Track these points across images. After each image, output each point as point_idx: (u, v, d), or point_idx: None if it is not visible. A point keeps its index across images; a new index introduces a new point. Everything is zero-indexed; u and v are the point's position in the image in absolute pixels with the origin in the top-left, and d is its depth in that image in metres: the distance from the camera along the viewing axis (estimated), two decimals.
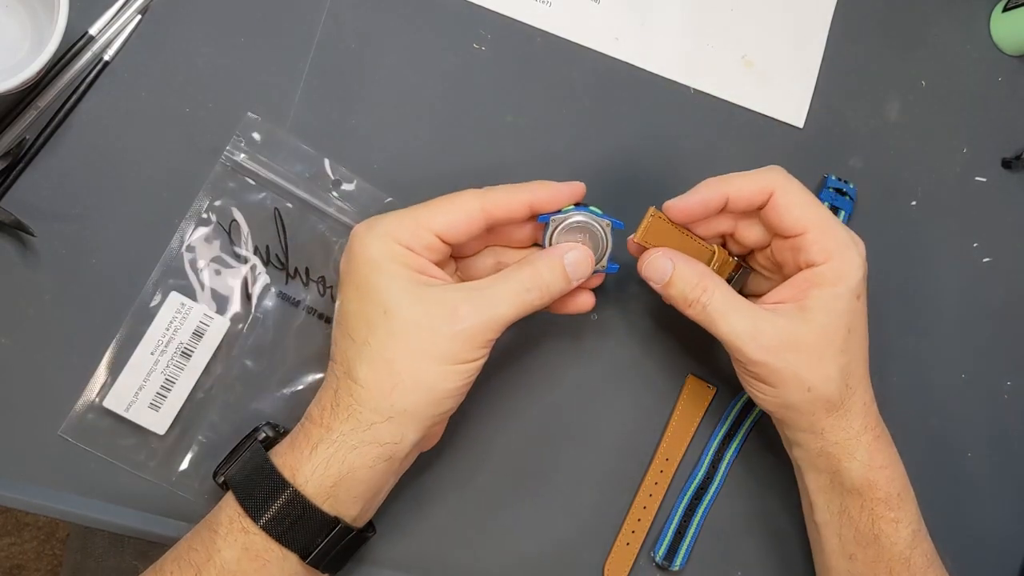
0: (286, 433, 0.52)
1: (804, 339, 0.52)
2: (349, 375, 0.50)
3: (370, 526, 0.54)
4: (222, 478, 0.52)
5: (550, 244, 0.53)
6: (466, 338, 0.49)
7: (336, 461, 0.49)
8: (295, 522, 0.48)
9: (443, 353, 0.49)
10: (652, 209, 0.53)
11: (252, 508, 0.49)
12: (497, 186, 0.52)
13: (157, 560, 0.50)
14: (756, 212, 0.55)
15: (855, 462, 0.54)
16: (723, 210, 0.54)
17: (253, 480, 0.49)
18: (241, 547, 0.48)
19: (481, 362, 0.51)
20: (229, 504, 0.50)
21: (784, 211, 0.53)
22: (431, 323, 0.49)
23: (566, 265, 0.52)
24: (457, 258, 0.55)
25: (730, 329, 0.52)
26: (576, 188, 0.53)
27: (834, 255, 0.52)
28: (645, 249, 0.54)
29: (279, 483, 0.49)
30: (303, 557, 0.49)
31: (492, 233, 0.55)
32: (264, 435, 0.53)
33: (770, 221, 0.54)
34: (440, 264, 0.52)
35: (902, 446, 0.56)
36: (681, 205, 0.53)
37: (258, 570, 0.48)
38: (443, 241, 0.51)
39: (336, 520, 0.49)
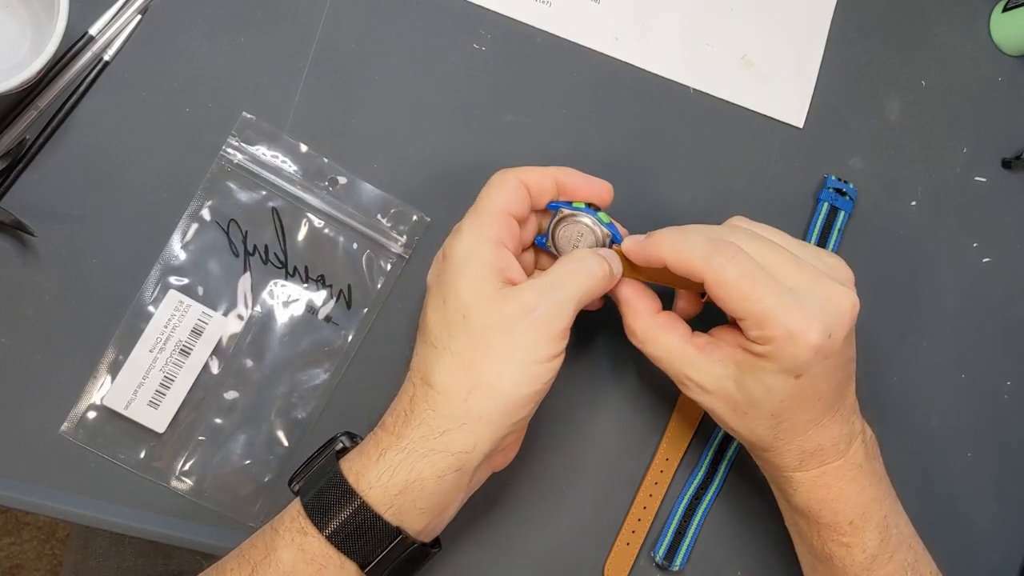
0: None
1: (731, 395, 0.51)
2: (426, 381, 0.49)
3: (436, 542, 0.51)
4: (297, 485, 0.51)
5: (550, 234, 0.54)
6: (539, 328, 0.48)
7: (404, 469, 0.47)
8: (355, 529, 0.47)
9: (520, 353, 0.48)
10: (615, 246, 0.54)
11: (312, 509, 0.48)
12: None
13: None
14: None
15: (793, 491, 0.53)
16: None
17: (317, 483, 0.48)
18: (297, 548, 0.47)
19: (557, 363, 0.49)
20: (294, 504, 0.49)
21: (719, 300, 0.49)
22: (504, 322, 0.48)
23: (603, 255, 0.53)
24: None
25: (664, 368, 0.54)
26: (604, 186, 0.54)
27: (772, 341, 0.48)
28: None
29: (341, 486, 0.48)
30: (362, 567, 0.47)
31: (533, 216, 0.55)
32: (341, 445, 0.52)
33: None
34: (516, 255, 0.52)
35: (902, 446, 0.56)
36: (633, 253, 0.53)
37: (314, 575, 0.47)
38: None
39: (398, 531, 0.48)
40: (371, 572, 0.48)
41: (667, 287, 0.55)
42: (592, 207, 0.54)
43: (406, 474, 0.47)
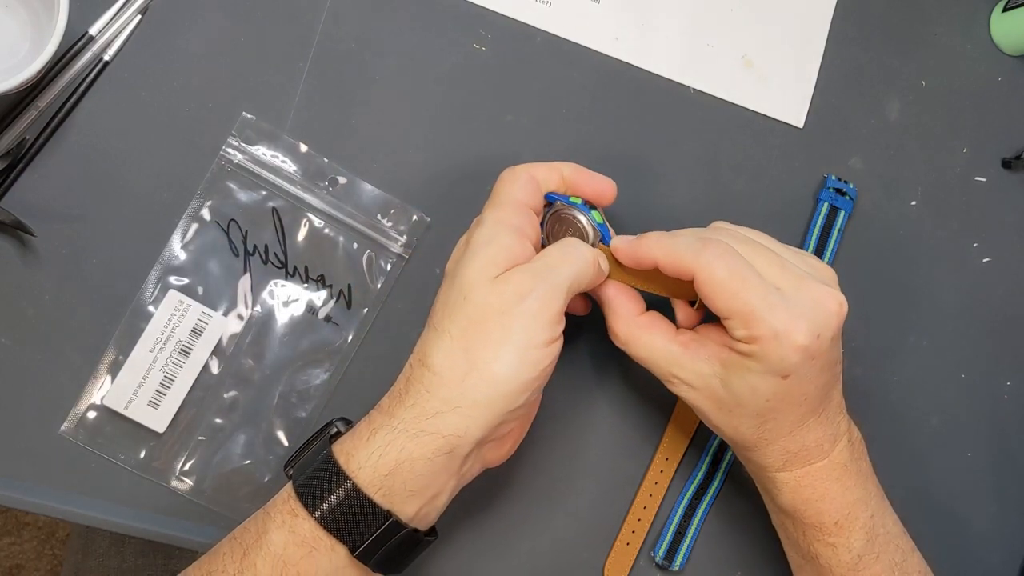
0: None
1: (717, 393, 0.51)
2: (423, 362, 0.49)
3: (432, 531, 0.51)
4: (291, 470, 0.51)
5: (544, 225, 0.54)
6: (535, 312, 0.48)
7: (394, 448, 0.47)
8: (345, 511, 0.47)
9: (518, 338, 0.48)
10: (603, 246, 0.54)
11: (302, 491, 0.47)
12: None
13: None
14: None
15: (778, 491, 0.53)
16: None
17: (309, 466, 0.48)
18: (288, 530, 0.47)
19: (554, 349, 0.49)
20: (287, 488, 0.49)
21: (707, 297, 0.49)
22: (502, 305, 0.48)
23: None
24: None
25: (650, 368, 0.54)
26: (608, 182, 0.54)
27: (758, 341, 0.48)
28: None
29: (332, 468, 0.47)
30: (352, 550, 0.47)
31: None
32: (336, 430, 0.52)
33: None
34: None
35: (902, 446, 0.56)
36: (621, 251, 0.53)
37: (305, 557, 0.47)
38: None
39: (388, 514, 0.47)
40: (361, 556, 0.47)
41: (656, 295, 0.55)
42: (588, 205, 0.54)
43: (396, 454, 0.47)
